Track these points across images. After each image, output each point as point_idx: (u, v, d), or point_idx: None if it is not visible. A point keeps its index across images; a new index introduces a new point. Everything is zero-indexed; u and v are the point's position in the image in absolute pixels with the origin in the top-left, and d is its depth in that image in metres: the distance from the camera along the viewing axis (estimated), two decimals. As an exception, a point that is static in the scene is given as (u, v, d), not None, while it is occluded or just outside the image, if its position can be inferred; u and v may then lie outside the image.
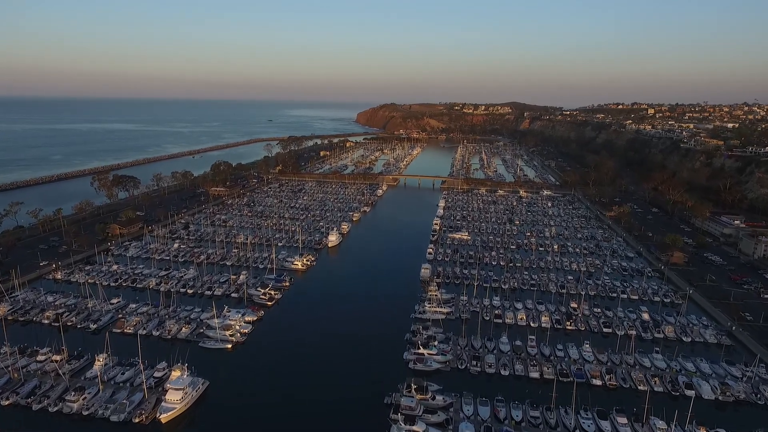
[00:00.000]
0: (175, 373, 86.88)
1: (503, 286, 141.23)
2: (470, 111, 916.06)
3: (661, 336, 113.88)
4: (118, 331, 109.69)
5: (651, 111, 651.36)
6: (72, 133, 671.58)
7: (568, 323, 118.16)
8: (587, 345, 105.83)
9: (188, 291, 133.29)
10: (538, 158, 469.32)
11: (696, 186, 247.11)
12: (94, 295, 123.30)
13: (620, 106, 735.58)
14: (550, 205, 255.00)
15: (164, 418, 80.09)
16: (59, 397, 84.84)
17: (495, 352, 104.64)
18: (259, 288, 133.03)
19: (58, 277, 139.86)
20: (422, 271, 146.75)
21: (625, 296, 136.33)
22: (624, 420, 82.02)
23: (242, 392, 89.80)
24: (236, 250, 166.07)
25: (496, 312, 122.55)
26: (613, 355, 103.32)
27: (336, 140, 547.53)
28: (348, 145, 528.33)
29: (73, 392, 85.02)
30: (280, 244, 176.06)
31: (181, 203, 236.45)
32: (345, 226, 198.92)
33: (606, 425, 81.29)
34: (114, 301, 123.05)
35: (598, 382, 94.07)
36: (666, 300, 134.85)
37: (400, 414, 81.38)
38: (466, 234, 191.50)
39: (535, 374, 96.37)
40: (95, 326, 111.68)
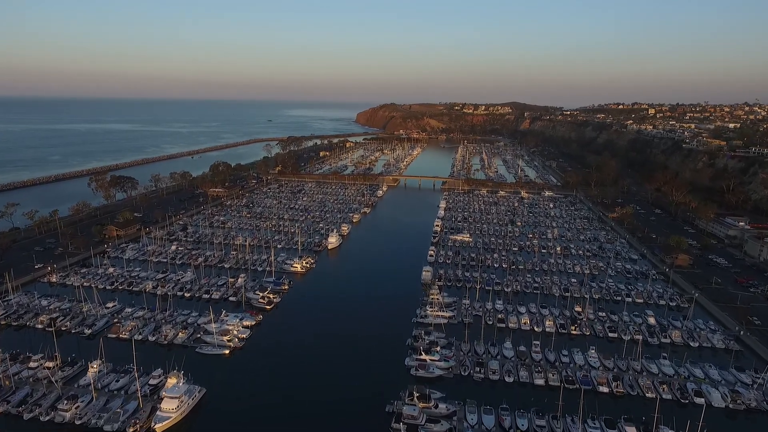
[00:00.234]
0: (170, 381, 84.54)
1: (506, 289, 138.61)
2: (470, 111, 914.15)
3: (668, 341, 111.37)
4: (113, 336, 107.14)
5: (652, 111, 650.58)
6: (71, 134, 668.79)
7: (573, 328, 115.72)
8: (593, 350, 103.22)
9: (185, 294, 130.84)
10: (538, 159, 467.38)
11: (699, 187, 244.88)
12: (89, 298, 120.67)
13: (621, 106, 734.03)
14: (552, 206, 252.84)
15: (159, 428, 77.63)
16: (51, 406, 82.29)
17: (499, 357, 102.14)
18: (257, 291, 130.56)
19: (53, 279, 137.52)
20: (423, 274, 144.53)
21: (630, 300, 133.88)
22: (633, 429, 79.52)
23: (240, 397, 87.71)
24: (234, 252, 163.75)
25: (499, 316, 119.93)
26: (619, 361, 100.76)
27: (336, 140, 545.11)
28: (348, 145, 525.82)
29: (66, 401, 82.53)
30: (279, 246, 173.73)
31: (180, 204, 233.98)
32: (345, 228, 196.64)
33: (614, 435, 78.85)
34: (109, 305, 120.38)
35: (605, 389, 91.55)
36: (672, 303, 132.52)
37: (403, 423, 79.19)
38: (468, 236, 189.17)
39: (540, 381, 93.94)
40: (90, 331, 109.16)
